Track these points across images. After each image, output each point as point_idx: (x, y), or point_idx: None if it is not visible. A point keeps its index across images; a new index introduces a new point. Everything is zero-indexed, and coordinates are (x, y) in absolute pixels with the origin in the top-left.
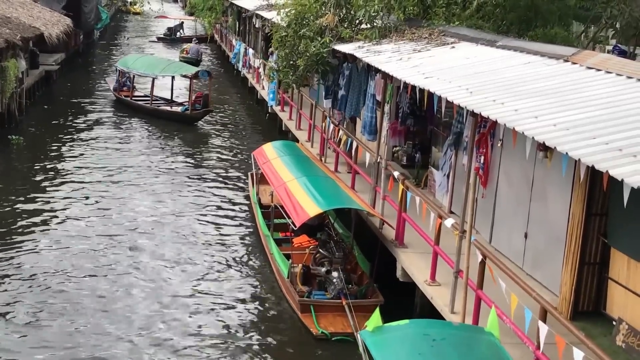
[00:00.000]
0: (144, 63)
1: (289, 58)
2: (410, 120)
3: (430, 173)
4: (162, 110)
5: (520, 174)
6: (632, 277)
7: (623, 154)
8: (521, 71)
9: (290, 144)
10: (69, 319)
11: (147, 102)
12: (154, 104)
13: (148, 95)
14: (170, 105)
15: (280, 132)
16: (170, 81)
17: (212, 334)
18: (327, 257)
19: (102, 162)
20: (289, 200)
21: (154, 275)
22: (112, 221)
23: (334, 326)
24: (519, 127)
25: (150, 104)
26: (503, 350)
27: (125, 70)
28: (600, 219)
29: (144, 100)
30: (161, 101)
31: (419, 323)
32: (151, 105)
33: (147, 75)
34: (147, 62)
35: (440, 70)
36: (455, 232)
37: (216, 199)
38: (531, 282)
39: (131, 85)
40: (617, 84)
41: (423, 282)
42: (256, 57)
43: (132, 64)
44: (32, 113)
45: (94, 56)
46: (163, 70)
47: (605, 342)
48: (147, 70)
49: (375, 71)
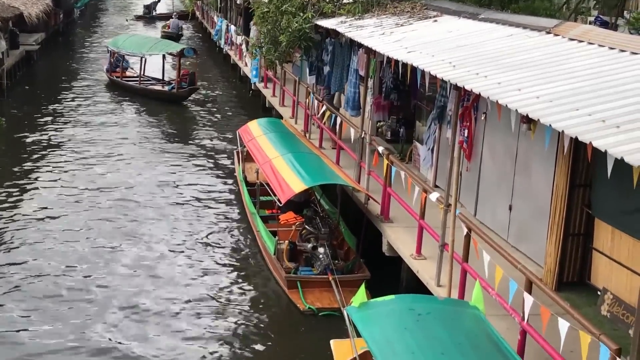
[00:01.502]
0: (133, 42)
1: (271, 34)
2: (393, 95)
3: (415, 147)
4: (150, 89)
5: (504, 146)
6: (617, 248)
7: (606, 125)
8: (504, 44)
9: (275, 121)
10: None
11: (136, 81)
12: (142, 84)
13: (146, 76)
14: (162, 85)
15: (264, 109)
16: (162, 60)
17: (198, 311)
18: (313, 233)
19: (85, 142)
20: (274, 177)
21: (139, 252)
22: (95, 199)
23: (320, 302)
24: (503, 100)
25: (139, 83)
26: (488, 324)
27: (116, 50)
28: (584, 190)
29: (134, 80)
30: (152, 81)
31: (404, 298)
32: (140, 84)
33: (135, 54)
34: (136, 42)
35: (423, 44)
36: (440, 206)
37: (201, 177)
38: (516, 254)
39: (121, 66)
40: (600, 55)
41: (409, 256)
42: (238, 34)
43: (122, 43)
44: (13, 94)
45: (75, 35)
46: (150, 49)
47: (590, 312)
48: (135, 50)
49: (358, 46)
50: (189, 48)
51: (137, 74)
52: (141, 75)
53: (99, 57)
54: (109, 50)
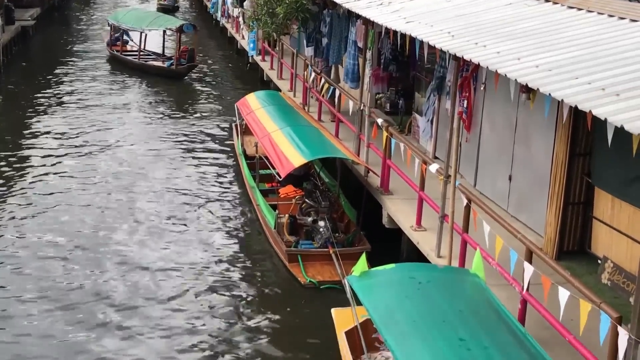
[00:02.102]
0: (133, 17)
1: (268, 6)
2: (392, 67)
3: (414, 119)
4: (149, 65)
5: (504, 117)
6: (617, 216)
7: (606, 93)
8: (502, 13)
9: (273, 93)
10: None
11: (135, 56)
12: (142, 59)
13: (146, 51)
14: (163, 61)
15: (262, 82)
16: (162, 35)
17: (199, 286)
18: (314, 207)
19: (83, 118)
20: (273, 151)
21: (136, 226)
22: (96, 175)
23: (321, 275)
24: (502, 70)
25: (139, 58)
26: (488, 291)
27: (116, 24)
28: (583, 159)
29: (134, 55)
30: (153, 56)
31: (404, 267)
32: (139, 60)
33: (135, 29)
34: (136, 16)
35: (421, 14)
36: (440, 177)
37: (199, 151)
38: (516, 224)
39: (122, 40)
40: (599, 23)
41: (409, 228)
42: (235, 6)
43: (122, 17)
44: (9, 70)
45: (70, 10)
46: (150, 24)
47: (590, 281)
48: (135, 25)
49: (356, 17)
50: (188, 24)
51: (136, 49)
52: (140, 50)
53: (94, 32)
54: (110, 24)
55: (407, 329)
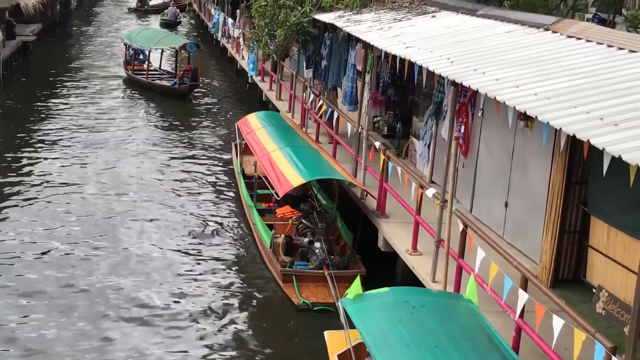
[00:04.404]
0: (143, 36)
1: (269, 27)
2: (391, 90)
3: (411, 143)
4: (155, 83)
5: (501, 143)
6: (612, 245)
7: (604, 123)
8: (502, 40)
9: (274, 114)
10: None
11: (144, 75)
12: (149, 77)
13: (157, 70)
14: (168, 79)
15: (260, 102)
16: (175, 54)
17: (193, 303)
18: (310, 228)
19: (80, 133)
20: (272, 171)
21: (136, 241)
22: (94, 193)
23: (315, 296)
24: (500, 97)
25: (146, 77)
26: (481, 316)
27: (129, 43)
28: (580, 188)
29: (142, 74)
30: (160, 74)
31: (398, 290)
32: (147, 78)
33: (144, 48)
34: (146, 35)
35: (421, 39)
36: (436, 202)
37: (198, 170)
38: (512, 250)
39: (133, 59)
40: (598, 53)
41: (404, 252)
42: (235, 27)
43: (135, 37)
44: (10, 85)
45: (72, 26)
46: (157, 43)
47: (585, 310)
48: (144, 44)
49: (355, 41)
50: (191, 43)
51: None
52: (148, 69)
53: (95, 48)
54: (125, 44)
55: (400, 353)
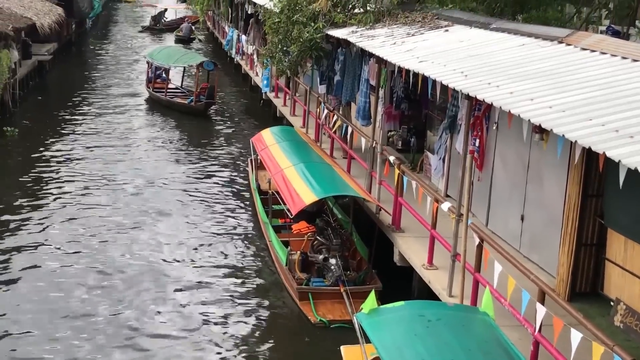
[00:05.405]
0: (164, 54)
1: (282, 44)
2: (404, 105)
3: (426, 157)
4: (173, 101)
5: (516, 156)
6: (629, 258)
7: (619, 135)
8: (516, 53)
9: (288, 129)
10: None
11: (163, 93)
12: (168, 95)
13: (177, 88)
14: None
15: (274, 118)
16: (195, 72)
17: (210, 320)
18: (325, 244)
19: (98, 153)
20: (285, 188)
21: (153, 258)
22: (112, 211)
23: (332, 314)
24: (515, 110)
25: (165, 95)
26: (498, 329)
27: (151, 61)
28: (596, 200)
29: (162, 92)
30: (179, 92)
31: (414, 304)
32: (165, 96)
33: (164, 65)
34: (167, 53)
35: (434, 53)
36: (452, 216)
37: (214, 185)
38: (528, 264)
39: (154, 77)
40: (612, 65)
41: (420, 266)
42: (249, 44)
43: (156, 55)
44: (25, 104)
45: (87, 45)
46: (176, 61)
47: (603, 323)
48: (164, 62)
49: (369, 56)
50: (208, 61)
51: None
52: (167, 87)
53: (111, 67)
54: (147, 62)
55: None
